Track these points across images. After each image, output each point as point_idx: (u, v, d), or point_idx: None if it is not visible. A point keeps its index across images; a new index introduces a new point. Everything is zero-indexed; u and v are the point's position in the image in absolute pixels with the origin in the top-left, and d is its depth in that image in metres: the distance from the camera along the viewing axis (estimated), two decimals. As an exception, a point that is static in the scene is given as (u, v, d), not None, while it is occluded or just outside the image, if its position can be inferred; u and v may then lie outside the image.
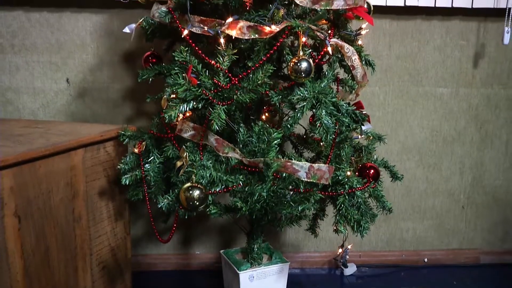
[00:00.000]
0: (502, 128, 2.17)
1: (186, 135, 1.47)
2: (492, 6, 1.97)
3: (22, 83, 2.00)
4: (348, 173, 1.51)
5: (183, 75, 1.36)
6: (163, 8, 1.45)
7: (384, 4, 1.95)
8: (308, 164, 1.40)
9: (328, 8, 1.39)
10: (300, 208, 1.38)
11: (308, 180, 1.40)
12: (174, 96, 1.38)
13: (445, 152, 2.18)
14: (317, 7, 1.38)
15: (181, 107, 1.36)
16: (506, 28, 1.96)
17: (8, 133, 1.58)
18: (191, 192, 1.33)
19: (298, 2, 1.37)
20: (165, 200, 1.44)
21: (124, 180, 1.52)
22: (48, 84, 2.01)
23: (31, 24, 1.95)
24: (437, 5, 1.97)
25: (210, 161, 1.42)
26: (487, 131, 2.17)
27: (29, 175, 1.32)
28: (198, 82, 1.36)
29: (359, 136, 1.58)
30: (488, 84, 2.12)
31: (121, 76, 2.01)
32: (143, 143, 1.55)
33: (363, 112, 1.55)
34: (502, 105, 2.15)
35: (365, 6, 1.48)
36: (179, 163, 1.40)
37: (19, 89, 2.00)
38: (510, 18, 1.96)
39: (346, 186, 1.48)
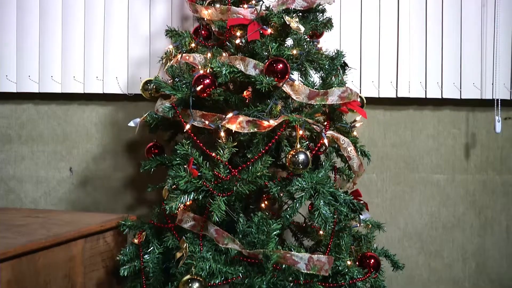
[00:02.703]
0: (501, 213, 2.18)
1: (186, 225, 1.48)
2: (479, 97, 2.07)
3: (25, 172, 2.04)
4: (348, 262, 1.50)
5: (185, 166, 1.40)
6: (167, 104, 1.52)
7: (377, 96, 2.05)
8: (307, 255, 1.40)
9: (323, 103, 1.46)
10: (300, 301, 1.35)
11: (308, 272, 1.39)
12: (175, 187, 1.42)
13: (446, 238, 2.17)
14: (312, 102, 1.46)
15: (182, 198, 1.39)
16: (497, 117, 2.05)
17: (9, 223, 1.59)
18: (190, 285, 1.31)
19: (295, 98, 1.45)
20: (164, 292, 1.42)
21: (122, 271, 1.51)
22: (51, 173, 2.05)
23: (39, 116, 2.04)
24: (428, 96, 2.07)
25: (209, 252, 1.42)
26: (486, 217, 2.18)
27: (27, 267, 1.32)
28: (199, 174, 1.40)
29: (358, 225, 1.59)
30: (483, 170, 2.16)
31: (123, 165, 2.05)
32: (143, 233, 1.56)
33: (361, 201, 1.57)
34: (498, 190, 2.17)
35: (358, 100, 1.56)
36: (178, 254, 1.40)
37: (23, 178, 2.04)
38: (500, 108, 2.05)
39: (347, 276, 1.46)
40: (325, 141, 1.44)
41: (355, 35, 2.04)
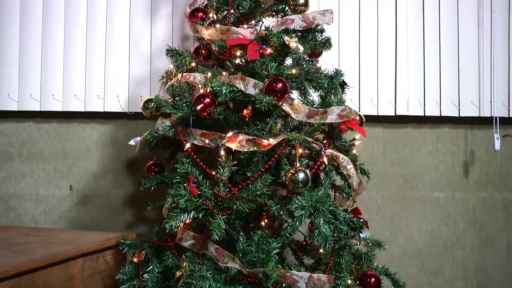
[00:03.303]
0: (502, 231, 2.18)
1: (186, 244, 1.48)
2: (477, 115, 2.09)
3: (26, 190, 2.04)
4: (349, 281, 1.49)
5: (185, 185, 1.41)
6: (167, 123, 1.53)
7: (376, 114, 2.07)
8: (307, 274, 1.39)
9: (322, 121, 1.47)
10: (301, 320, 1.35)
11: (309, 291, 1.39)
12: (175, 205, 1.42)
13: (446, 256, 2.16)
14: (312, 121, 1.47)
15: (182, 217, 1.39)
16: (495, 135, 2.06)
17: (9, 241, 1.58)
18: (190, 304, 1.31)
19: (294, 117, 1.46)
20: (163, 313, 1.41)
21: (121, 290, 1.50)
22: (51, 191, 2.05)
23: (40, 134, 2.05)
24: (426, 114, 2.08)
25: (209, 271, 1.41)
26: (486, 235, 2.17)
27: (27, 286, 1.31)
28: (199, 192, 1.40)
29: (358, 243, 1.59)
30: (482, 187, 2.17)
31: (123, 183, 2.06)
32: (143, 252, 1.55)
33: (361, 219, 1.57)
34: (498, 208, 2.17)
35: (357, 118, 1.57)
36: (178, 273, 1.40)
37: (23, 196, 2.04)
38: (498, 126, 2.07)
39: (348, 295, 1.46)
40: (325, 159, 1.45)
41: (353, 54, 2.07)
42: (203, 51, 1.66)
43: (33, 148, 2.05)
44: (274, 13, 1.72)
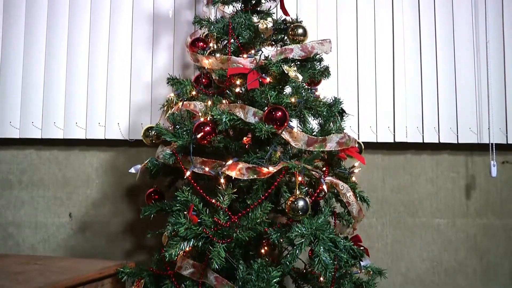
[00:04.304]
0: (504, 258, 2.16)
1: (186, 272, 1.47)
2: (476, 142, 2.10)
3: (25, 218, 2.04)
4: (350, 311, 1.47)
5: (185, 213, 1.41)
6: (168, 151, 1.54)
7: (375, 141, 2.08)
8: (308, 303, 1.37)
9: (322, 149, 1.48)
10: None
11: (309, 321, 1.37)
12: (174, 233, 1.41)
13: (448, 284, 2.14)
14: (311, 149, 1.47)
15: (182, 245, 1.38)
16: (492, 162, 2.07)
17: (7, 270, 1.57)
18: (189, 335, 1.29)
19: (293, 145, 1.47)
20: None
21: (120, 321, 1.48)
22: (51, 219, 2.04)
23: (40, 162, 2.06)
24: (425, 141, 2.10)
25: (209, 301, 1.40)
26: (489, 262, 2.15)
27: (24, 317, 1.30)
28: (199, 220, 1.40)
29: (359, 272, 1.58)
30: (483, 214, 2.16)
31: (123, 211, 2.05)
32: (142, 280, 1.54)
33: (362, 247, 1.56)
34: (500, 234, 2.16)
35: (356, 146, 1.58)
36: (177, 303, 1.38)
37: (22, 223, 2.04)
38: (495, 152, 2.08)
39: (349, 325, 1.44)
40: (324, 187, 1.45)
41: (352, 82, 2.10)
42: (203, 80, 1.69)
43: (33, 175, 2.05)
44: (273, 43, 1.76)
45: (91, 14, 2.07)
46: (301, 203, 1.37)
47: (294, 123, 1.54)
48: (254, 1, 1.72)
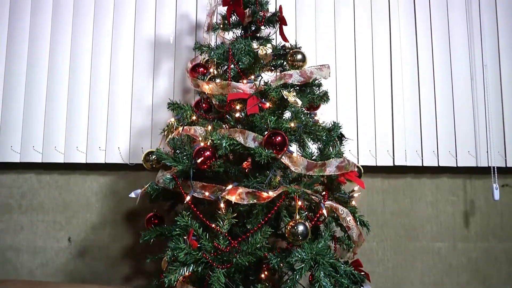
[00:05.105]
0: (507, 282, 2.14)
1: (185, 298, 1.46)
2: (475, 165, 2.11)
3: (23, 242, 2.03)
4: (351, 337, 1.45)
5: (184, 238, 1.40)
6: (168, 175, 1.55)
7: (375, 164, 2.09)
8: (309, 329, 1.36)
9: (321, 174, 1.48)
10: None
11: None
12: (174, 258, 1.41)
13: (450, 309, 2.12)
14: (311, 173, 1.48)
15: (181, 270, 1.37)
16: (494, 185, 2.07)
17: (4, 296, 1.56)
18: None
19: (293, 169, 1.47)
20: None
21: None
22: (50, 243, 2.03)
23: (41, 186, 2.06)
24: (424, 165, 2.10)
25: (208, 327, 1.38)
26: (491, 286, 2.13)
27: None
28: (199, 245, 1.39)
29: (360, 297, 1.56)
30: (484, 238, 2.15)
31: (122, 235, 2.04)
32: (141, 306, 1.53)
33: (362, 272, 1.55)
34: (501, 258, 2.15)
35: (356, 170, 1.58)
36: (176, 329, 1.37)
37: (20, 248, 2.02)
38: (496, 176, 2.08)
39: None
40: (324, 211, 1.45)
41: (351, 106, 2.12)
42: (203, 105, 1.70)
43: (33, 200, 2.05)
44: (273, 68, 1.78)
45: (93, 39, 2.11)
46: (301, 228, 1.36)
47: (293, 147, 1.55)
48: (253, 28, 1.75)
